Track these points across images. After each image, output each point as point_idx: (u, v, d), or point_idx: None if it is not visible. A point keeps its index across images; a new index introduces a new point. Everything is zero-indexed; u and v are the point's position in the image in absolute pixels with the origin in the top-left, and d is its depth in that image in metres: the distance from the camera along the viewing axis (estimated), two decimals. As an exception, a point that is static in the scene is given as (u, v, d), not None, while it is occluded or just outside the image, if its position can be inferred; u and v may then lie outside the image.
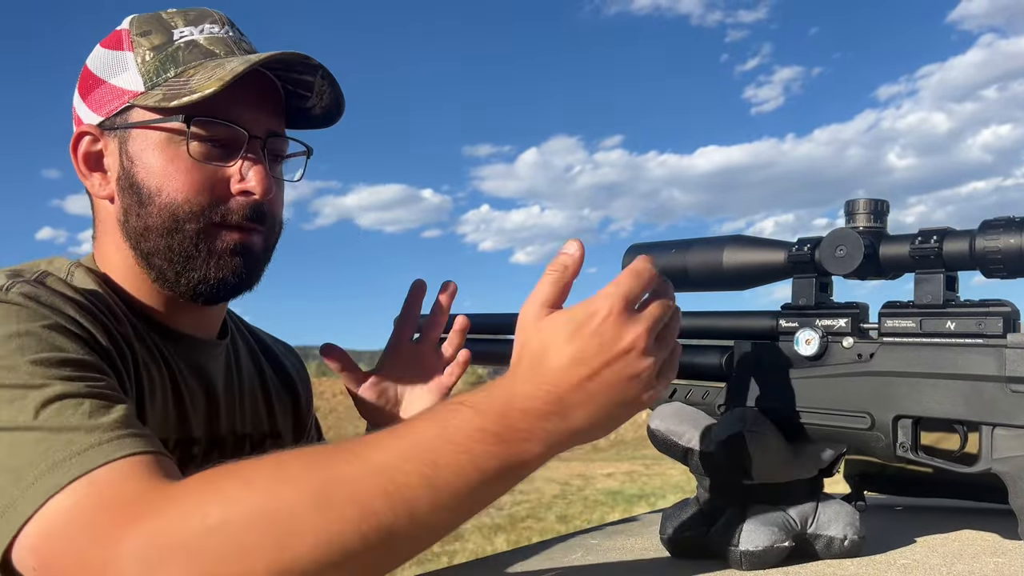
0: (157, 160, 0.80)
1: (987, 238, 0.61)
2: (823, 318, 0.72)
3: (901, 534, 0.86)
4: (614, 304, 0.56)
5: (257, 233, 0.84)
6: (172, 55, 0.81)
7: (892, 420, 0.66)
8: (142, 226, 0.81)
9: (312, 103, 0.87)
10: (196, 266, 0.81)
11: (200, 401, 0.87)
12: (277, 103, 0.86)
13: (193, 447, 0.85)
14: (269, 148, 0.85)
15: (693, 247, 0.80)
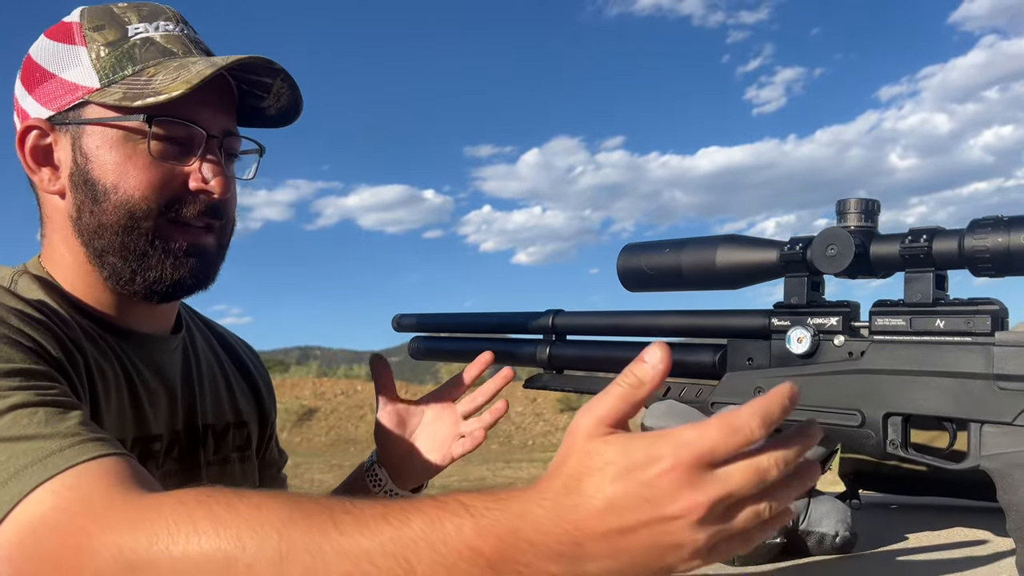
0: (113, 157, 0.79)
1: (975, 237, 0.61)
2: (815, 316, 0.72)
3: (893, 531, 0.87)
4: (683, 457, 0.44)
5: (210, 232, 0.84)
6: (128, 52, 0.80)
7: (882, 418, 0.67)
8: (95, 223, 0.80)
9: (267, 104, 0.87)
10: (152, 264, 0.80)
11: (158, 398, 0.87)
12: (231, 102, 0.86)
13: (153, 444, 0.85)
14: (224, 147, 0.84)
15: (687, 247, 0.81)
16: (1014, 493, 0.60)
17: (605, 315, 0.94)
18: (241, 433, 0.99)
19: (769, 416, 0.45)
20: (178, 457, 0.89)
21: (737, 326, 0.78)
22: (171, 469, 0.88)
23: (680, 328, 0.84)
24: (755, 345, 0.77)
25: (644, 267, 0.84)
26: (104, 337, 0.81)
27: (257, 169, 0.93)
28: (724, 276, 0.78)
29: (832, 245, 0.69)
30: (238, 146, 0.89)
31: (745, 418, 0.45)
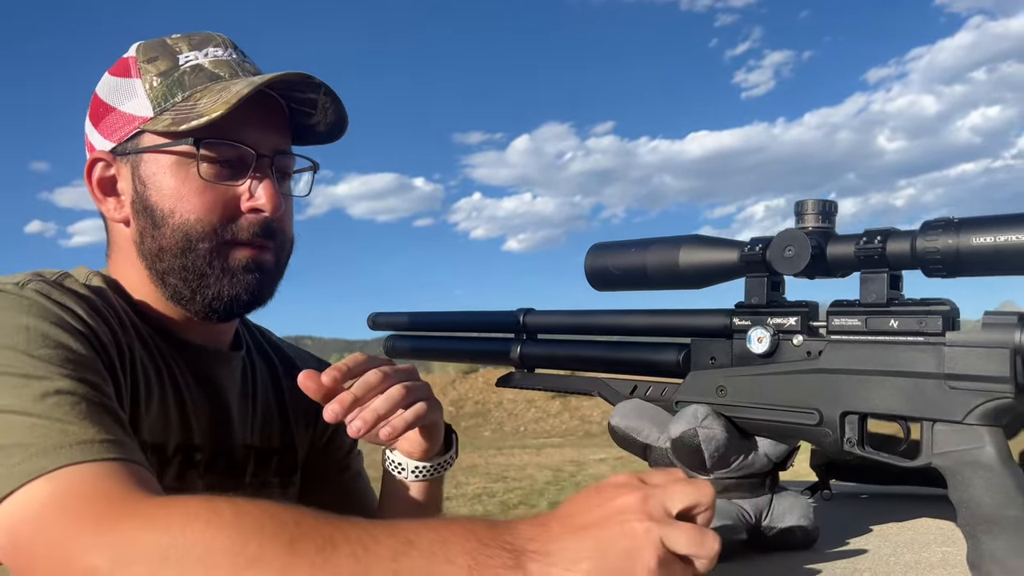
0: (169, 182, 0.82)
1: (927, 239, 0.62)
2: (774, 316, 0.73)
3: (858, 523, 0.88)
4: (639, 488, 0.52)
5: (268, 250, 0.86)
6: (179, 80, 0.83)
7: (839, 416, 0.68)
8: (157, 247, 0.83)
9: (316, 120, 0.89)
10: (210, 283, 0.83)
11: (204, 409, 0.88)
12: (282, 122, 0.88)
13: (195, 453, 0.85)
14: (276, 165, 0.86)
15: (651, 247, 0.81)
16: (963, 490, 0.61)
17: (574, 314, 0.94)
18: (286, 459, 0.99)
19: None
20: (223, 472, 0.90)
21: (700, 326, 0.79)
22: (215, 483, 0.88)
23: (646, 327, 0.85)
24: (718, 344, 0.78)
25: (610, 267, 0.84)
26: (155, 341, 0.84)
27: (312, 185, 0.95)
28: (687, 276, 0.79)
29: (790, 246, 0.70)
30: (291, 164, 0.91)
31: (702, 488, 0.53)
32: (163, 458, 0.80)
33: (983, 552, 0.60)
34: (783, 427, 0.72)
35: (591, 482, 0.75)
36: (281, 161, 0.88)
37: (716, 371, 0.77)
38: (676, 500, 0.52)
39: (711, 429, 0.73)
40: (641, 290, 0.84)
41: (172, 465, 0.82)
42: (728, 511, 0.72)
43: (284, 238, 0.88)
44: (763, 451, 0.74)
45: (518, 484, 8.23)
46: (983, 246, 0.59)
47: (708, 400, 0.76)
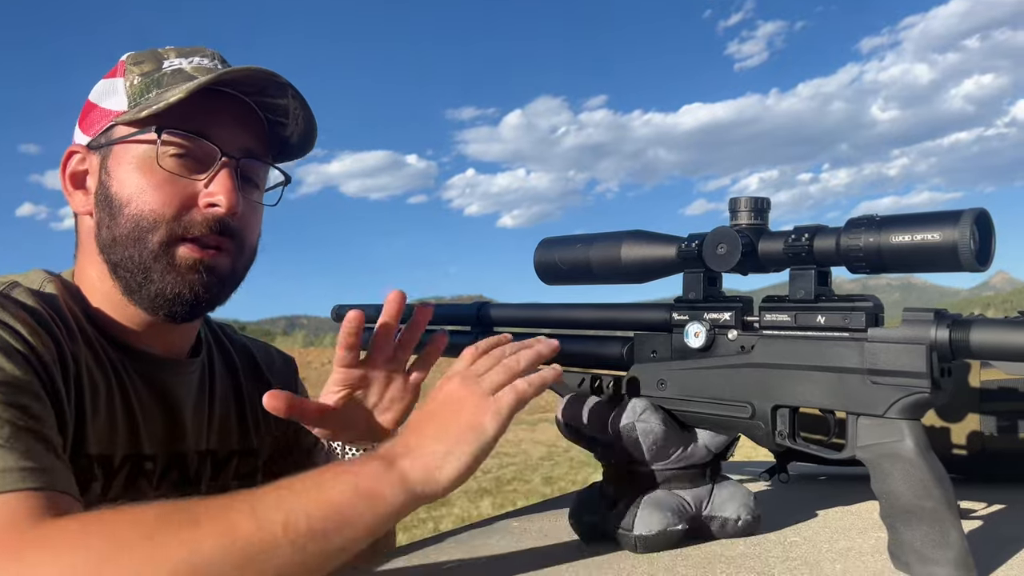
0: (132, 174, 0.82)
1: (850, 236, 0.63)
2: (710, 311, 0.74)
3: (806, 508, 0.90)
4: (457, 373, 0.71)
5: (224, 253, 0.84)
6: (157, 79, 0.84)
7: (771, 410, 0.69)
8: (111, 237, 0.83)
9: (290, 130, 0.89)
10: (153, 279, 0.82)
11: (156, 418, 0.87)
12: (256, 127, 0.88)
13: (145, 463, 0.85)
14: (244, 169, 0.86)
15: (595, 242, 0.82)
16: (883, 482, 0.63)
17: (526, 307, 0.96)
18: (247, 462, 0.99)
19: None
20: (177, 481, 0.90)
21: (642, 320, 0.81)
22: (167, 492, 0.88)
23: (593, 321, 0.87)
24: (658, 338, 0.79)
25: (558, 261, 0.86)
26: (107, 352, 0.83)
27: (281, 197, 0.94)
28: (629, 271, 0.80)
29: (722, 244, 0.71)
30: (261, 173, 0.90)
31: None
32: (109, 469, 0.80)
33: (902, 542, 0.62)
34: (719, 420, 0.74)
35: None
36: (249, 164, 0.87)
37: (657, 364, 0.78)
38: (485, 366, 0.70)
39: (648, 423, 0.74)
40: (586, 284, 0.85)
41: (119, 476, 0.82)
42: (668, 502, 0.74)
43: (243, 243, 0.87)
44: (703, 442, 0.76)
45: (512, 460, 8.29)
46: (902, 244, 0.61)
47: (649, 393, 0.78)
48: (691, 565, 0.68)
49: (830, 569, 0.65)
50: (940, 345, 0.60)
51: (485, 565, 0.71)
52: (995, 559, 0.66)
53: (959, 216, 0.58)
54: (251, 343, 1.08)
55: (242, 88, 0.84)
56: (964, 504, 0.87)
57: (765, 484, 1.09)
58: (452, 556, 0.77)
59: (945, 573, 0.60)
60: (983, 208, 0.59)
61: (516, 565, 0.71)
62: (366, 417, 0.88)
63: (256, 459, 0.99)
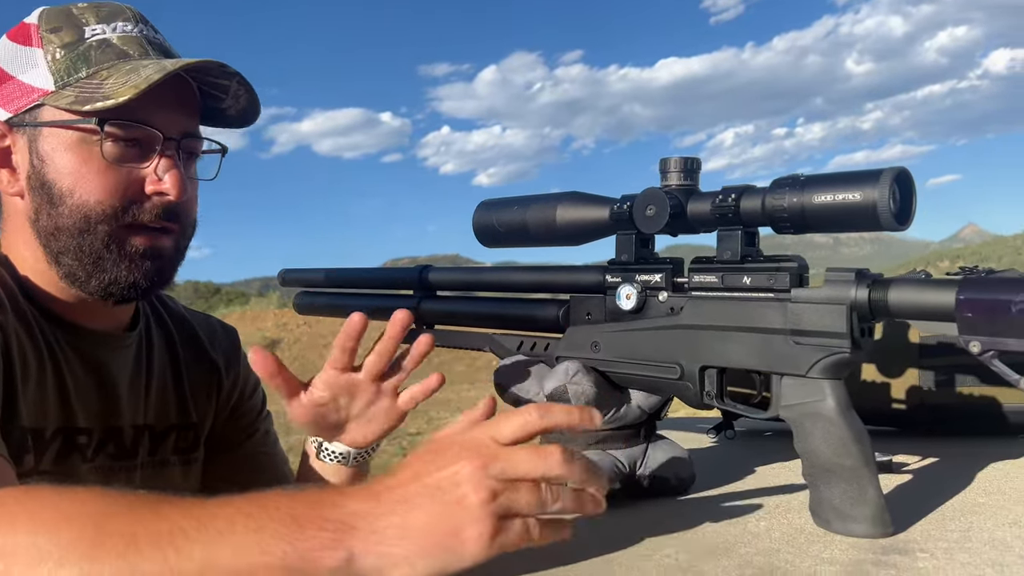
0: (69, 161, 0.80)
1: (774, 196, 0.63)
2: (642, 273, 0.74)
3: (745, 464, 0.92)
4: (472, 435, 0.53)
5: (169, 234, 0.84)
6: (84, 54, 0.81)
7: (699, 370, 0.70)
8: (52, 226, 0.81)
9: (227, 104, 0.88)
10: (107, 268, 0.81)
11: (90, 392, 0.87)
12: (192, 104, 0.86)
13: (78, 436, 0.85)
14: (184, 148, 0.85)
15: (532, 204, 0.82)
16: (805, 441, 0.63)
17: (468, 271, 0.95)
18: (186, 436, 0.99)
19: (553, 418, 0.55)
20: (114, 454, 0.89)
21: (578, 282, 0.80)
22: (104, 465, 0.88)
23: (530, 284, 0.86)
24: (593, 301, 0.79)
25: (495, 224, 0.85)
26: (39, 322, 0.82)
27: (220, 168, 0.92)
28: (564, 233, 0.79)
29: (651, 205, 0.71)
30: (199, 147, 0.89)
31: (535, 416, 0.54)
32: (41, 442, 0.80)
33: (822, 499, 0.63)
34: (650, 381, 0.74)
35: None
36: (188, 144, 0.86)
37: (591, 327, 0.78)
38: (518, 470, 0.51)
39: (580, 385, 0.74)
40: (524, 246, 0.84)
41: (50, 449, 0.81)
42: (601, 463, 0.75)
43: (187, 222, 0.87)
44: (636, 403, 0.76)
45: (488, 417, 8.34)
46: (824, 204, 0.60)
47: (583, 355, 0.78)
48: (620, 525, 0.69)
49: (755, 526, 0.66)
50: (860, 305, 0.60)
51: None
52: (916, 513, 0.67)
53: (879, 175, 0.58)
54: (190, 315, 1.07)
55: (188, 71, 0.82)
56: (899, 458, 0.89)
57: (712, 440, 1.10)
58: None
59: (862, 529, 0.61)
60: (903, 167, 0.58)
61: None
62: (344, 424, 0.85)
63: (195, 432, 0.99)
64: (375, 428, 0.85)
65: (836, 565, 0.55)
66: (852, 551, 0.58)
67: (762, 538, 0.63)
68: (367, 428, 0.85)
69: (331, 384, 0.83)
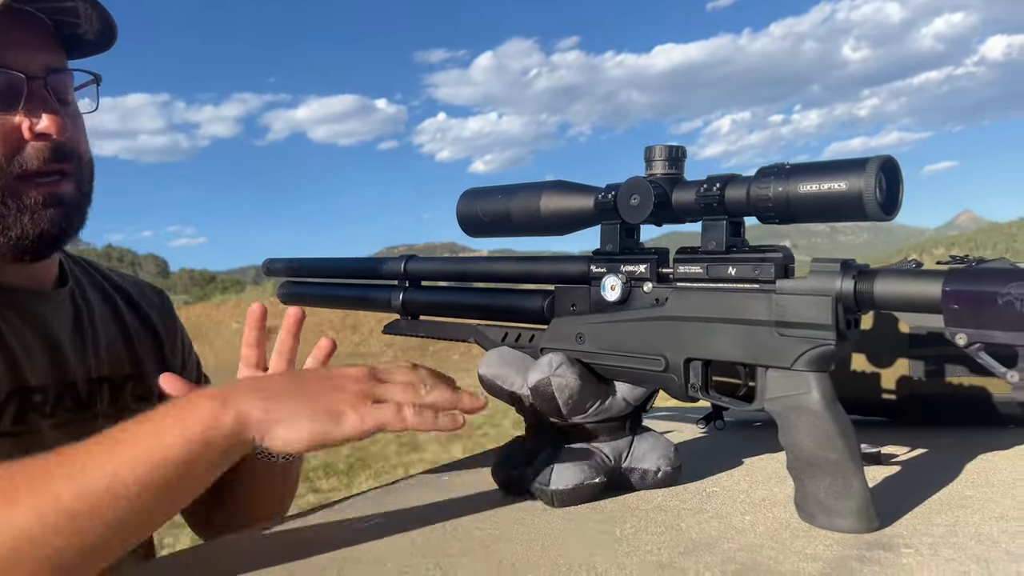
0: None
1: (759, 185, 0.62)
2: (627, 264, 0.73)
3: (733, 456, 0.91)
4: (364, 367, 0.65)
5: (66, 178, 0.83)
6: None
7: (684, 362, 0.69)
8: None
9: (83, 29, 0.84)
10: (9, 224, 0.80)
11: (36, 350, 0.87)
12: (48, 38, 0.83)
13: (34, 395, 0.85)
14: (52, 85, 0.82)
15: (517, 193, 0.80)
16: (789, 434, 0.62)
17: (451, 261, 0.94)
18: (142, 384, 1.00)
19: None
20: (72, 408, 0.90)
21: (563, 273, 0.79)
22: (65, 420, 0.89)
23: (515, 274, 0.85)
24: (577, 292, 0.78)
25: (479, 213, 0.83)
26: None
27: (99, 98, 0.90)
28: (549, 223, 0.78)
29: (635, 195, 0.69)
30: (69, 80, 0.86)
31: None
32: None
33: (807, 494, 0.62)
34: (634, 373, 0.73)
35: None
36: (57, 79, 0.83)
37: (576, 318, 0.77)
38: (395, 375, 0.64)
39: (564, 377, 0.73)
40: (508, 236, 0.83)
41: (7, 412, 0.81)
42: (585, 456, 0.74)
43: (80, 160, 0.85)
44: (621, 395, 0.75)
45: (484, 405, 8.36)
46: (810, 193, 0.59)
47: (568, 347, 0.77)
48: (604, 519, 0.68)
49: (739, 521, 0.65)
50: (845, 296, 0.59)
51: (402, 520, 0.70)
52: (902, 507, 0.66)
53: (864, 164, 0.57)
54: (119, 276, 1.08)
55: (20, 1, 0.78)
56: (888, 448, 0.88)
57: (701, 431, 1.10)
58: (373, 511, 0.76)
59: (847, 524, 0.60)
60: (889, 156, 0.57)
61: (434, 519, 0.70)
62: None
63: (148, 382, 1.00)
64: None
65: (819, 562, 0.55)
66: (836, 547, 0.57)
67: (746, 533, 0.62)
68: None
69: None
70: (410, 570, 0.57)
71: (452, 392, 0.64)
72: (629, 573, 0.54)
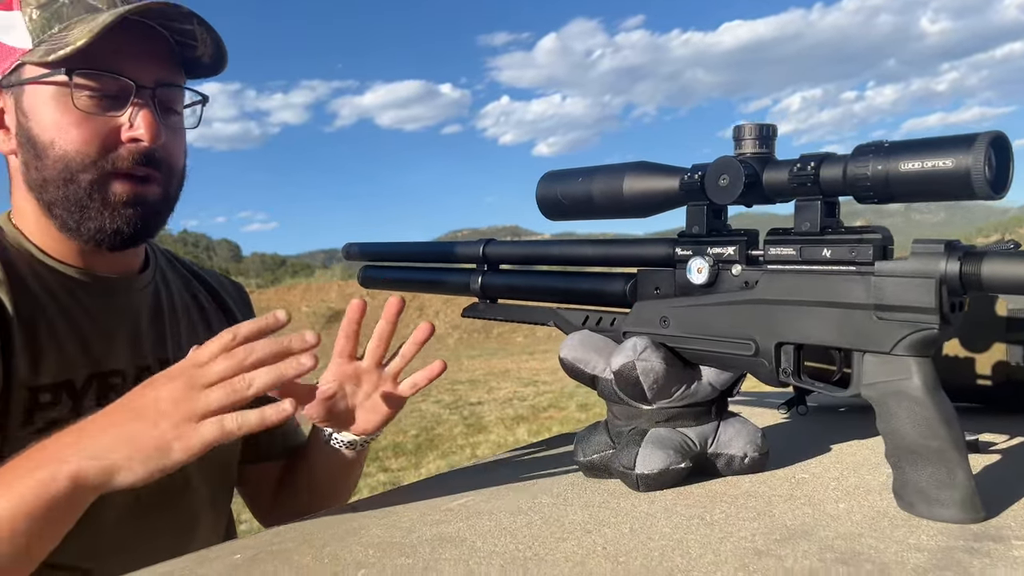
0: (49, 114, 0.83)
1: (857, 164, 0.60)
2: (714, 246, 0.72)
3: (820, 442, 0.89)
4: (185, 360, 0.68)
5: (153, 182, 0.87)
6: (57, 12, 0.84)
7: (775, 346, 0.67)
8: (40, 178, 0.85)
9: (200, 52, 0.89)
10: (91, 216, 0.85)
11: (118, 335, 0.91)
12: (167, 54, 0.88)
13: (113, 378, 0.90)
14: (160, 97, 0.87)
15: (597, 175, 0.79)
16: (888, 421, 0.60)
17: (530, 244, 0.94)
18: None
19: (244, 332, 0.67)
20: None
21: (645, 256, 0.78)
22: None
23: (596, 257, 0.84)
24: (661, 275, 0.77)
25: (560, 196, 0.83)
26: (52, 277, 0.87)
27: (201, 117, 0.95)
28: (632, 204, 0.77)
29: (724, 175, 0.68)
30: (178, 97, 0.91)
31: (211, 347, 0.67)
32: (73, 392, 0.84)
33: (907, 482, 0.60)
34: (722, 357, 0.71)
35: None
36: (166, 93, 0.88)
37: (660, 301, 0.76)
38: (212, 374, 0.65)
39: (649, 361, 0.72)
40: (589, 219, 0.82)
41: (88, 396, 0.86)
42: (671, 440, 0.73)
43: (171, 170, 0.89)
44: (707, 380, 0.74)
45: (549, 388, 8.38)
46: (911, 172, 0.57)
47: (652, 330, 0.76)
48: (691, 504, 0.67)
49: (833, 508, 0.64)
50: (950, 279, 0.57)
51: (487, 502, 0.71)
52: (1007, 497, 0.64)
53: (973, 140, 0.54)
54: (201, 269, 1.13)
55: (147, 16, 0.83)
56: (985, 436, 0.85)
57: (783, 416, 1.07)
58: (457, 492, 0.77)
59: (950, 514, 0.58)
60: (999, 131, 0.55)
61: (518, 502, 0.71)
62: (351, 412, 0.90)
63: None
64: (379, 416, 0.89)
65: (924, 552, 0.53)
66: (941, 537, 0.55)
67: (842, 521, 0.60)
68: (372, 416, 0.90)
69: (338, 374, 0.88)
70: (503, 552, 0.57)
71: (275, 346, 0.66)
72: (725, 559, 0.53)
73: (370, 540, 0.62)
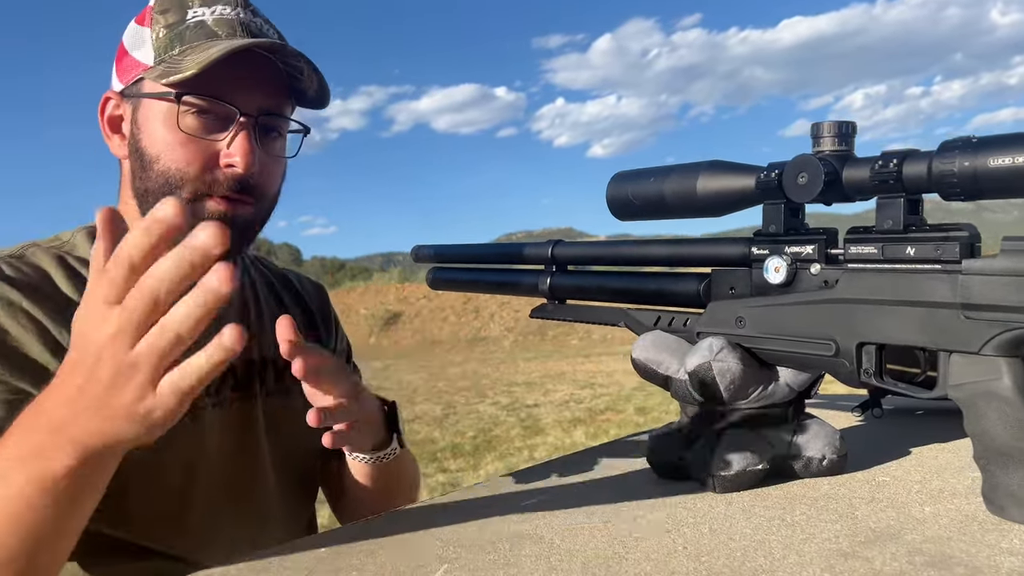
0: (159, 129, 0.88)
1: (943, 160, 0.58)
2: (792, 245, 0.71)
3: (899, 445, 0.87)
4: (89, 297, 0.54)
5: (245, 205, 0.90)
6: (180, 34, 0.88)
7: (856, 347, 0.66)
8: (143, 188, 0.90)
9: (306, 86, 0.92)
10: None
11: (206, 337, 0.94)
12: (275, 83, 0.91)
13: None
14: (263, 125, 0.90)
15: (670, 175, 0.79)
16: (978, 422, 0.59)
17: (599, 245, 0.94)
18: None
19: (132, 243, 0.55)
20: (233, 387, 0.98)
21: (719, 255, 0.78)
22: (227, 398, 0.97)
23: (667, 257, 0.84)
24: (736, 274, 0.76)
25: (630, 196, 0.83)
26: None
27: (299, 148, 0.99)
28: (706, 204, 0.76)
29: (803, 173, 0.67)
30: (281, 126, 0.95)
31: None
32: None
33: (997, 485, 0.59)
34: (801, 358, 0.71)
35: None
36: (267, 121, 0.91)
37: (735, 301, 0.75)
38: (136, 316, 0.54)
39: (725, 362, 0.72)
40: (660, 219, 0.82)
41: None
42: (748, 442, 0.72)
43: (264, 196, 0.93)
44: (784, 381, 0.73)
45: (605, 391, 8.34)
46: (1000, 168, 0.55)
47: (727, 331, 0.75)
48: (770, 505, 0.66)
49: (918, 511, 0.62)
50: (1044, 277, 0.55)
51: (561, 501, 0.71)
52: (1103, 502, 0.61)
53: (1068, 134, 0.53)
54: (283, 270, 1.17)
55: (262, 47, 0.86)
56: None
57: (857, 419, 1.05)
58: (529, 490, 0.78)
59: (1044, 518, 0.56)
60: (1097, 124, 0.53)
61: (592, 502, 0.71)
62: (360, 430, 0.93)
63: None
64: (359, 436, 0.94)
65: (1018, 556, 0.51)
66: (1035, 542, 0.54)
67: (929, 524, 0.59)
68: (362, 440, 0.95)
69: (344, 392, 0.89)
70: (583, 550, 0.58)
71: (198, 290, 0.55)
72: (809, 559, 0.53)
73: (447, 537, 0.63)
